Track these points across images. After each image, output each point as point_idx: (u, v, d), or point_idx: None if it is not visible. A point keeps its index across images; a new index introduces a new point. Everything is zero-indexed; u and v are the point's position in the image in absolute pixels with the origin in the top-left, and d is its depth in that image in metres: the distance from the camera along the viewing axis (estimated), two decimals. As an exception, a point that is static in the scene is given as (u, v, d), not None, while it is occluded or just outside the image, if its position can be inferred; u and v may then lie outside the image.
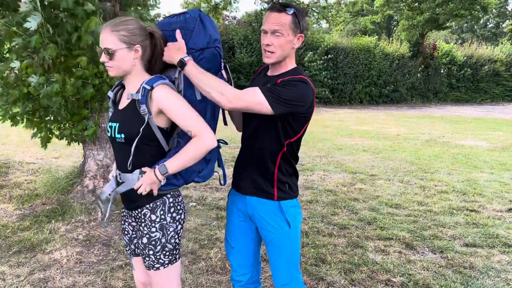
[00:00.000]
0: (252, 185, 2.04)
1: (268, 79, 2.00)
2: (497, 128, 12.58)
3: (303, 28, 1.94)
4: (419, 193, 5.53)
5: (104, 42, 1.78)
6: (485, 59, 24.93)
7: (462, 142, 9.86)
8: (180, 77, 1.84)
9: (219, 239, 3.92)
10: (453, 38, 44.34)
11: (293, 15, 1.88)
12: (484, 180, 6.27)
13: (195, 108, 1.82)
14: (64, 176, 5.12)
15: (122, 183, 1.92)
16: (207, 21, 1.86)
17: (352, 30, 39.93)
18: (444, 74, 23.94)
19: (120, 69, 1.82)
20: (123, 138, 1.83)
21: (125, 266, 3.40)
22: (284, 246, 2.06)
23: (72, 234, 3.98)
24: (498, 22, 51.86)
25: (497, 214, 4.77)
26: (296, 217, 2.07)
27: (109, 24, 1.79)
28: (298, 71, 1.97)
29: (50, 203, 4.60)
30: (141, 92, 1.77)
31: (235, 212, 2.19)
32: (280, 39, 1.88)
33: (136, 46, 1.80)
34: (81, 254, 3.61)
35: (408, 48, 23.23)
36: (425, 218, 4.59)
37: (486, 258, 3.62)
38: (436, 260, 3.58)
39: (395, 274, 3.31)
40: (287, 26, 1.87)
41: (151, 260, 1.92)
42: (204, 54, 1.85)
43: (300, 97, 1.85)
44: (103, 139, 4.78)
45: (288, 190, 2.04)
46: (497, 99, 25.06)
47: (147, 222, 1.89)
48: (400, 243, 3.91)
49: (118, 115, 1.90)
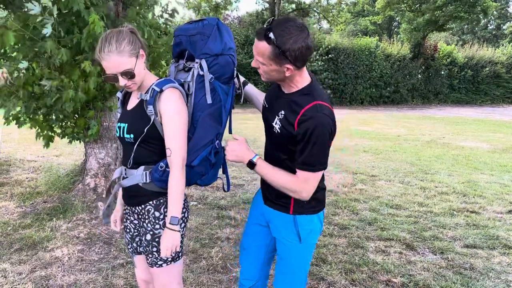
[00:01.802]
0: (271, 196, 2.00)
1: (283, 96, 1.87)
2: (497, 130, 12.59)
3: (292, 59, 1.66)
4: (420, 194, 5.54)
5: (119, 67, 1.74)
6: (486, 61, 24.94)
7: (462, 143, 9.87)
8: (193, 80, 1.86)
9: (220, 238, 3.93)
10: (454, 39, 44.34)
11: (272, 45, 1.63)
12: (485, 181, 6.28)
13: (205, 112, 1.87)
14: (65, 174, 5.13)
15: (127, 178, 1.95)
16: (224, 29, 1.90)
17: (353, 31, 39.95)
18: (445, 76, 23.96)
19: (141, 80, 1.84)
20: (132, 138, 1.85)
21: (126, 265, 3.41)
22: (291, 260, 1.99)
23: (73, 232, 3.99)
24: (499, 23, 51.92)
25: (497, 215, 4.78)
26: (310, 233, 1.97)
27: (110, 47, 1.72)
28: (311, 96, 1.78)
29: (51, 201, 4.61)
30: (150, 93, 1.79)
31: (254, 214, 2.18)
32: (263, 67, 1.75)
33: (140, 51, 1.81)
34: (82, 252, 3.62)
35: (409, 49, 23.25)
36: (426, 219, 4.60)
37: (486, 260, 3.62)
38: (436, 261, 3.59)
39: (396, 275, 3.32)
40: (266, 56, 1.68)
41: (154, 257, 1.93)
42: (218, 60, 1.87)
43: (327, 146, 1.79)
44: (105, 137, 4.79)
45: (307, 205, 1.93)
46: (498, 101, 25.07)
47: (151, 219, 1.91)
48: (400, 243, 3.92)
49: (127, 116, 1.92)
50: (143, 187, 1.90)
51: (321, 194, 1.99)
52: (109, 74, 1.77)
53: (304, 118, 1.72)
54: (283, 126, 1.81)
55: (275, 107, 1.89)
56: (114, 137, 4.87)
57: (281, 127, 1.82)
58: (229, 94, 1.96)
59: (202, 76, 1.84)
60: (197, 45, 1.85)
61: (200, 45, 1.84)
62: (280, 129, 1.82)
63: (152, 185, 1.89)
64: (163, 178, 1.86)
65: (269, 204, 2.03)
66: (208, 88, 1.85)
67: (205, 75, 1.84)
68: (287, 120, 1.79)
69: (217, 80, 1.88)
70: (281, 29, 1.62)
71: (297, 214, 1.94)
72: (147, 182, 1.89)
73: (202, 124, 1.88)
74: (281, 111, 1.83)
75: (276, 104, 1.89)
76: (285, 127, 1.80)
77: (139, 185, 1.91)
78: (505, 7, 49.48)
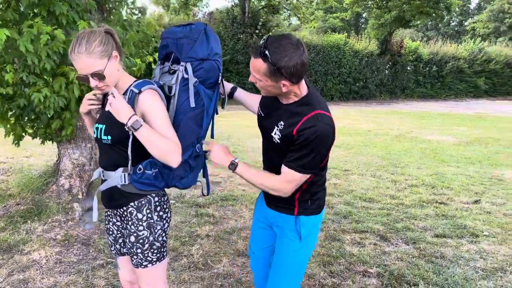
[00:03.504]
0: (274, 199, 2.02)
1: (281, 106, 1.90)
2: (461, 124, 13.08)
3: (288, 76, 1.69)
4: (391, 187, 5.74)
5: (88, 68, 1.73)
6: (449, 57, 25.78)
7: (429, 137, 10.22)
8: (177, 84, 1.88)
9: (199, 235, 3.97)
10: (418, 35, 45.54)
11: (268, 62, 1.67)
12: (451, 173, 6.55)
13: (188, 115, 1.88)
14: (38, 176, 5.02)
15: (105, 181, 1.94)
16: (211, 35, 1.92)
17: (322, 27, 40.42)
18: (411, 71, 24.63)
19: (114, 81, 1.82)
20: (109, 140, 1.84)
21: (106, 265, 3.39)
22: (289, 258, 2.02)
23: (49, 234, 3.93)
24: (461, 20, 53.68)
25: (464, 206, 5.02)
26: (310, 234, 2.02)
27: (79, 48, 1.71)
28: (311, 106, 1.81)
29: (24, 203, 4.51)
30: (128, 95, 1.80)
31: (258, 218, 2.22)
32: (260, 83, 1.78)
33: (113, 52, 1.79)
34: (60, 254, 3.58)
35: (377, 45, 23.77)
36: (397, 211, 4.77)
37: (456, 248, 3.81)
38: (409, 251, 3.75)
39: (372, 265, 3.45)
40: (262, 73, 1.72)
41: (139, 258, 1.94)
42: (204, 64, 1.89)
43: (323, 154, 1.84)
44: (79, 137, 4.72)
45: (310, 205, 1.99)
46: (461, 95, 25.99)
47: (134, 221, 1.91)
48: (375, 235, 4.07)
49: (104, 117, 1.90)
50: (122, 189, 1.89)
51: (322, 194, 2.05)
52: (81, 74, 1.77)
53: (304, 127, 1.75)
54: (283, 136, 1.84)
55: (273, 117, 1.91)
56: (89, 137, 4.80)
57: (281, 138, 1.85)
58: (212, 99, 1.98)
59: (187, 79, 1.86)
60: (184, 48, 1.87)
61: (186, 49, 1.86)
62: (280, 139, 1.86)
63: (131, 187, 1.88)
64: (142, 180, 1.86)
65: (273, 207, 2.06)
66: (192, 91, 1.86)
67: (189, 78, 1.85)
68: (286, 130, 1.82)
69: (202, 84, 1.90)
70: (276, 47, 1.65)
71: (301, 215, 1.98)
72: (126, 184, 1.88)
73: (184, 127, 1.89)
74: (280, 122, 1.86)
75: (274, 114, 1.92)
76: (285, 137, 1.83)
77: (118, 187, 1.90)
78: (467, 4, 51.22)
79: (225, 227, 4.20)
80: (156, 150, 1.74)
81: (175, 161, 1.78)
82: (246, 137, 9.28)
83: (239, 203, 4.90)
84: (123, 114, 1.71)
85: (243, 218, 4.47)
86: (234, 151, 7.79)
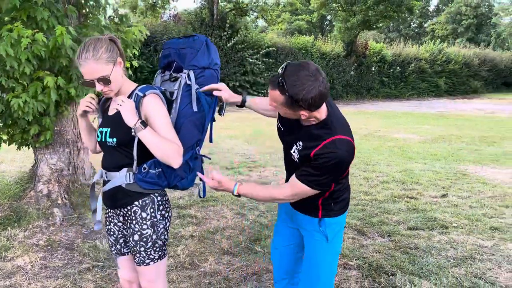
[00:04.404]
0: (299, 204, 2.08)
1: (302, 127, 1.92)
2: (424, 122, 13.63)
3: (306, 107, 1.70)
4: (364, 184, 5.97)
5: (95, 73, 1.82)
6: (412, 58, 26.67)
7: (396, 135, 10.61)
8: (179, 89, 2.00)
9: (184, 236, 4.04)
10: (381, 37, 46.84)
11: (285, 95, 1.68)
12: (419, 169, 6.87)
13: (189, 118, 2.00)
14: (14, 182, 4.94)
15: (109, 181, 2.01)
16: (211, 46, 2.08)
17: (287, 29, 40.89)
18: (376, 72, 25.31)
19: (118, 87, 1.92)
20: (114, 142, 1.92)
21: (92, 268, 3.42)
22: (318, 259, 2.09)
23: (31, 240, 3.90)
24: (420, 22, 55.59)
25: (433, 200, 5.30)
26: (336, 235, 2.09)
27: (87, 54, 1.80)
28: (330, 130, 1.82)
29: (2, 210, 4.44)
30: (133, 98, 1.89)
31: (282, 216, 2.31)
32: (279, 110, 1.82)
33: (118, 59, 1.89)
34: (45, 259, 3.57)
35: (343, 47, 24.32)
36: (372, 206, 5.00)
37: (428, 239, 4.05)
38: (385, 243, 3.95)
39: (351, 258, 3.63)
40: (280, 103, 1.75)
41: (142, 256, 2.02)
42: (205, 73, 2.04)
43: (338, 176, 1.89)
44: (56, 142, 4.68)
45: (334, 207, 2.05)
46: (423, 95, 26.93)
47: (138, 220, 1.99)
48: (352, 230, 4.26)
49: (109, 121, 1.99)
50: (126, 188, 1.97)
51: (347, 195, 2.12)
52: (86, 79, 1.85)
53: (323, 152, 1.79)
54: (301, 156, 1.90)
55: (293, 135, 1.96)
56: (67, 142, 4.78)
57: (299, 158, 1.91)
58: (211, 106, 2.12)
59: (189, 85, 1.99)
60: (187, 57, 2.01)
61: (189, 58, 2.00)
62: (299, 159, 1.92)
63: (136, 186, 1.96)
64: (146, 179, 1.95)
65: (297, 209, 2.14)
66: (195, 97, 1.99)
67: (192, 85, 1.98)
68: (304, 151, 1.88)
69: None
70: (294, 80, 1.65)
71: (325, 217, 2.05)
72: (131, 183, 1.96)
73: (185, 130, 2.01)
74: (299, 142, 1.91)
75: (294, 132, 1.96)
76: (303, 157, 1.89)
77: (122, 187, 1.97)
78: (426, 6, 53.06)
79: (208, 227, 4.29)
80: (158, 151, 1.84)
81: (177, 162, 1.88)
82: (221, 139, 9.36)
83: (219, 204, 4.99)
84: (131, 117, 1.80)
85: (225, 218, 4.57)
86: (210, 152, 7.85)
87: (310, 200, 1.99)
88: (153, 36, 16.69)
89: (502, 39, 46.00)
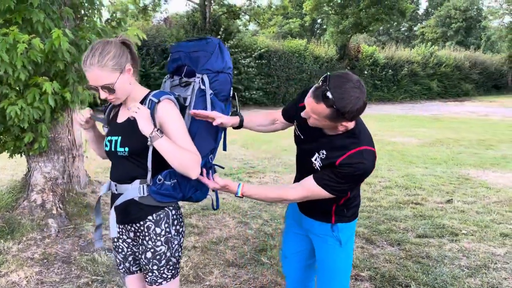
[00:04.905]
0: (310, 210, 2.06)
1: (325, 136, 1.86)
2: (420, 125, 13.59)
3: (350, 118, 1.68)
4: (367, 190, 5.85)
5: (99, 80, 1.70)
6: (404, 61, 26.78)
7: (393, 139, 10.53)
8: (193, 94, 1.87)
9: (186, 247, 3.87)
10: (372, 40, 47.05)
11: (331, 108, 1.62)
12: (421, 174, 6.77)
13: (204, 126, 1.89)
14: (6, 191, 4.73)
15: (119, 194, 1.85)
16: (224, 49, 1.95)
17: (279, 33, 40.91)
18: (368, 75, 25.35)
19: (124, 95, 1.79)
20: (127, 152, 1.78)
21: (92, 283, 3.24)
22: (333, 265, 2.06)
23: (26, 253, 3.71)
24: (410, 25, 55.99)
25: (439, 205, 5.19)
26: (349, 239, 2.08)
27: (92, 60, 1.68)
28: (357, 140, 1.79)
29: (-6, 222, 4.23)
30: (147, 105, 1.74)
31: (291, 223, 2.23)
32: (316, 121, 1.75)
33: (126, 65, 1.75)
34: (40, 274, 3.38)
35: (335, 50, 24.33)
36: (377, 213, 4.87)
37: (439, 247, 3.93)
38: (395, 252, 3.82)
39: (363, 269, 3.49)
40: (323, 116, 1.68)
41: (155, 275, 1.87)
42: (219, 77, 1.91)
43: (360, 183, 1.89)
44: (51, 150, 4.50)
45: (347, 213, 2.03)
46: (416, 98, 27.02)
47: (151, 236, 1.84)
48: (360, 238, 4.12)
49: (119, 129, 1.84)
50: (139, 202, 1.83)
51: (358, 200, 2.09)
52: (91, 85, 1.73)
53: (350, 162, 1.75)
54: (324, 165, 1.83)
55: (314, 143, 1.89)
56: (61, 149, 4.59)
57: (321, 166, 1.85)
58: (225, 111, 1.99)
59: (203, 90, 1.85)
60: (200, 61, 1.87)
61: (202, 61, 1.87)
62: (321, 167, 1.85)
63: (150, 199, 1.82)
64: (161, 191, 1.81)
65: (308, 215, 2.08)
66: (209, 102, 1.85)
67: (206, 90, 1.84)
68: (328, 160, 1.82)
69: (215, 96, 1.91)
70: (341, 92, 1.61)
71: (338, 222, 2.01)
72: (145, 196, 1.82)
73: (200, 138, 1.89)
74: (322, 150, 1.85)
75: (317, 140, 1.89)
76: (326, 166, 1.82)
77: (135, 200, 1.83)
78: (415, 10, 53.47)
79: (211, 237, 4.13)
80: (176, 161, 1.71)
81: (195, 172, 1.75)
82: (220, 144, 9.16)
83: (221, 212, 4.83)
84: (148, 125, 1.67)
85: (227, 227, 4.40)
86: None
87: (323, 206, 1.97)
88: (145, 40, 16.47)
89: (491, 42, 46.46)
